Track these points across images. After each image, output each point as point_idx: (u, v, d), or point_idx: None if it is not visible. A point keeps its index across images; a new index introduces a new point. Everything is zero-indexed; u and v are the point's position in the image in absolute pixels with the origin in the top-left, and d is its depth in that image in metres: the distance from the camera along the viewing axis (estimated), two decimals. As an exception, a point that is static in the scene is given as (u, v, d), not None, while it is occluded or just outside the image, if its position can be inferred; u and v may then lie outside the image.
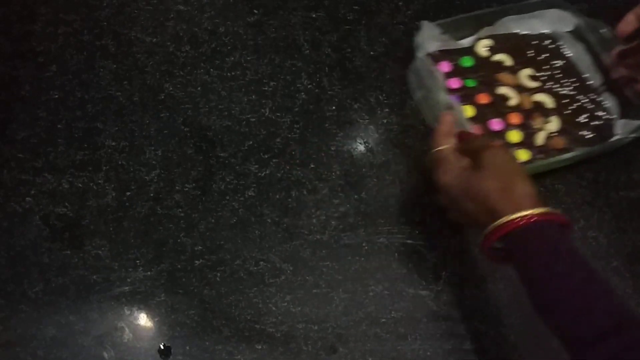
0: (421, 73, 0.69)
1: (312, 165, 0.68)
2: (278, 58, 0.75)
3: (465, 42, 0.75)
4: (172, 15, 0.77)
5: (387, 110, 0.72)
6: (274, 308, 0.60)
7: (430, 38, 0.72)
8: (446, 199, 0.57)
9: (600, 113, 0.71)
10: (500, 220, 0.51)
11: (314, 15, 0.78)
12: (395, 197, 0.67)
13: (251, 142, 0.69)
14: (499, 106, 0.70)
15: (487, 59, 0.74)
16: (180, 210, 0.64)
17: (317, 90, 0.73)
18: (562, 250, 0.50)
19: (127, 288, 0.60)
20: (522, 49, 0.75)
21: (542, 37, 0.76)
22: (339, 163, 0.68)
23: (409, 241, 0.64)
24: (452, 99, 0.68)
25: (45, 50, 0.73)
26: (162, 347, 0.57)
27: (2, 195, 0.64)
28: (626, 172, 0.70)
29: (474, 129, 0.67)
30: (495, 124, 0.69)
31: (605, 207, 0.68)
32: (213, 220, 0.64)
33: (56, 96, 0.70)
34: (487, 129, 0.69)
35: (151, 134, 0.69)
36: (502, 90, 0.71)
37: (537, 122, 0.69)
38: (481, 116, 0.69)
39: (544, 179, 0.69)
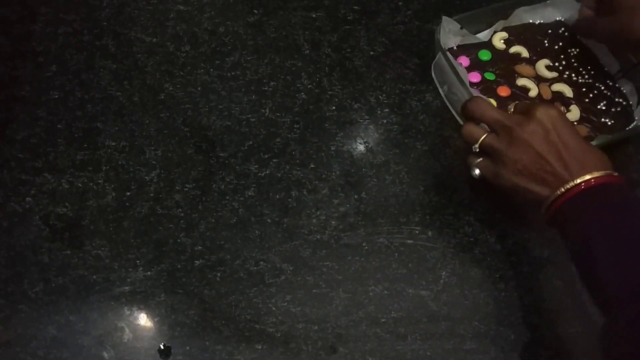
0: (444, 69, 0.69)
1: (312, 165, 0.68)
2: (278, 58, 0.75)
3: (482, 35, 0.75)
4: (172, 15, 0.77)
5: (387, 110, 0.72)
6: (274, 308, 0.60)
7: (450, 33, 0.73)
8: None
9: (618, 99, 0.71)
10: (585, 176, 0.53)
11: (314, 15, 0.78)
12: (395, 197, 0.67)
13: (251, 142, 0.69)
14: (519, 98, 0.71)
15: (503, 51, 0.74)
16: (180, 210, 0.64)
17: (317, 90, 0.73)
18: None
19: (127, 288, 0.60)
20: (538, 39, 0.75)
21: (556, 25, 0.76)
22: (339, 163, 0.68)
23: (409, 241, 0.64)
24: (475, 92, 0.68)
25: (45, 50, 0.73)
26: (162, 347, 0.57)
27: (2, 195, 0.64)
28: (626, 172, 0.70)
29: None
30: None
31: (605, 207, 0.68)
32: (213, 220, 0.64)
33: (56, 96, 0.70)
34: None
35: (151, 134, 0.69)
36: (521, 82, 0.71)
37: None
38: (503, 109, 0.68)
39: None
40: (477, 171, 0.60)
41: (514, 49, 0.74)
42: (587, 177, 0.53)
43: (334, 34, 0.77)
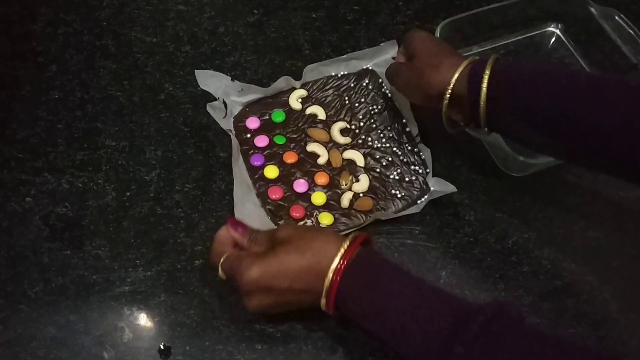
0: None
1: (312, 165, 0.68)
2: (278, 58, 0.75)
3: (282, 86, 0.70)
4: (172, 15, 0.77)
5: (387, 110, 0.72)
6: (274, 308, 0.60)
7: (231, 94, 0.69)
8: (263, 294, 0.54)
9: (415, 167, 0.66)
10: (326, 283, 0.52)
11: (314, 15, 0.78)
12: (395, 197, 0.67)
13: (251, 142, 0.69)
14: (306, 165, 0.66)
15: (299, 112, 0.69)
16: (180, 210, 0.64)
17: (317, 90, 0.73)
18: (385, 274, 0.52)
19: (127, 288, 0.60)
20: (338, 96, 0.70)
21: (361, 75, 0.71)
22: (339, 163, 0.68)
23: (409, 241, 0.64)
24: (255, 160, 0.66)
25: (45, 50, 0.73)
26: (162, 347, 0.57)
27: (2, 195, 0.64)
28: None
29: (276, 191, 0.64)
30: (300, 185, 0.65)
31: (605, 207, 0.68)
32: (213, 220, 0.64)
33: (56, 96, 0.70)
34: (292, 190, 0.65)
35: (151, 134, 0.69)
36: (311, 147, 0.67)
37: (344, 182, 0.65)
38: (286, 176, 0.65)
39: (544, 178, 0.69)
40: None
41: (311, 109, 0.69)
42: (330, 275, 0.51)
43: (334, 34, 0.77)
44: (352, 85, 0.71)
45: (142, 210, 0.64)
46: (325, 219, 0.64)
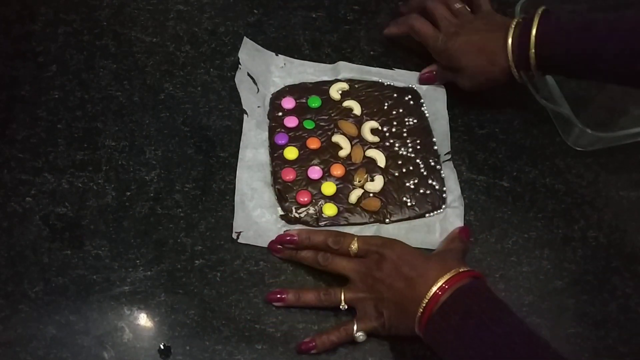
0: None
1: (312, 165, 0.68)
2: (278, 58, 0.75)
3: (325, 76, 0.73)
4: (172, 15, 0.77)
5: (387, 110, 0.72)
6: (274, 308, 0.60)
7: (274, 71, 0.72)
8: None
9: (432, 182, 0.66)
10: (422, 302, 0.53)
11: (314, 15, 0.78)
12: (395, 197, 0.67)
13: (251, 142, 0.69)
14: (326, 154, 0.67)
15: (336, 102, 0.70)
16: (180, 210, 0.64)
17: (317, 90, 0.72)
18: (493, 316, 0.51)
19: (127, 288, 0.60)
20: (378, 100, 0.71)
21: (404, 91, 0.72)
22: (339, 163, 0.68)
23: (409, 241, 0.64)
24: (280, 138, 0.67)
25: (45, 50, 0.73)
26: (162, 347, 0.57)
27: (2, 195, 0.64)
28: (626, 172, 0.70)
29: (289, 172, 0.65)
30: (315, 172, 0.65)
31: (605, 207, 0.68)
32: (213, 220, 0.64)
33: (56, 96, 0.70)
34: (304, 175, 0.65)
35: (151, 134, 0.69)
36: (336, 138, 0.67)
37: (359, 179, 0.65)
38: (303, 160, 0.66)
39: (544, 178, 0.69)
40: (360, 335, 0.57)
41: (348, 103, 0.70)
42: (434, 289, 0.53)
43: (334, 34, 0.77)
44: (394, 95, 0.72)
45: (142, 210, 0.64)
46: (329, 210, 0.64)
